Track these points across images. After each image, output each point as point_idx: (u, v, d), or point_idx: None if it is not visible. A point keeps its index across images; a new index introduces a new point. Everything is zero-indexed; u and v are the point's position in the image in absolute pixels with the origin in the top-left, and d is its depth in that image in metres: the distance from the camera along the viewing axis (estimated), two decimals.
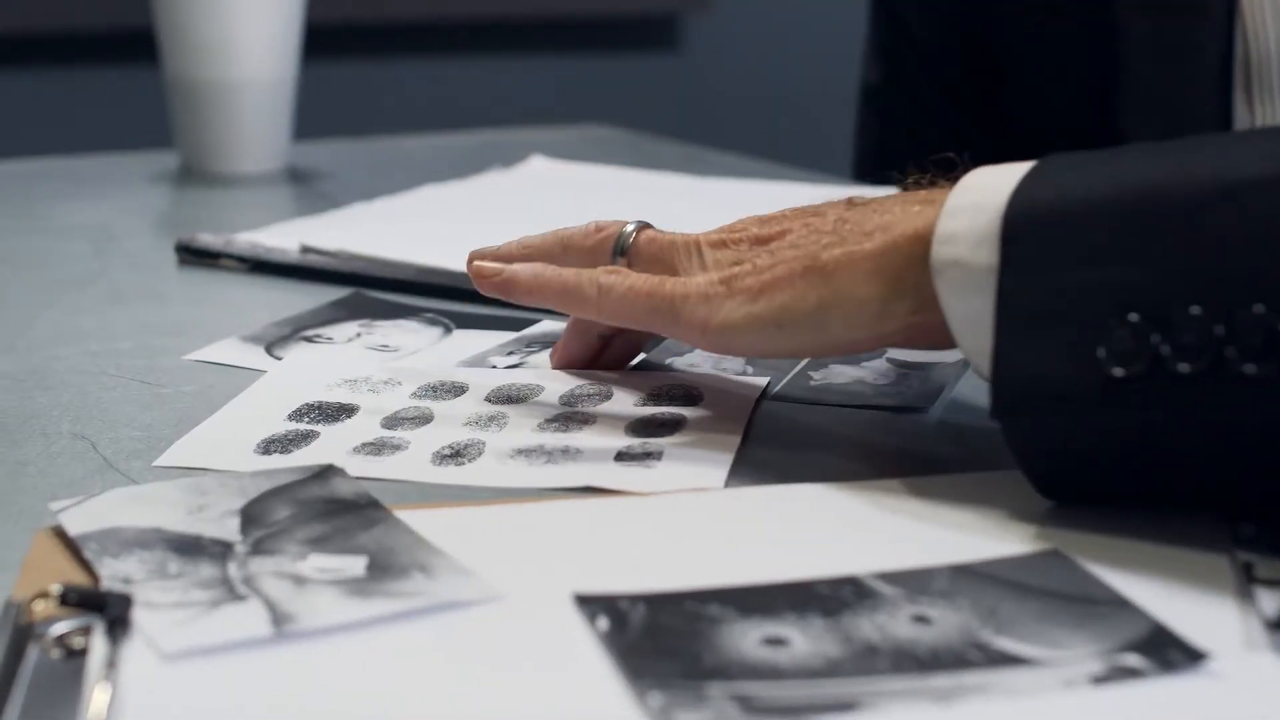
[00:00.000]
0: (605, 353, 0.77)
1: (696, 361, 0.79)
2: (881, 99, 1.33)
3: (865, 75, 1.34)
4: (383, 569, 0.55)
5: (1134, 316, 0.56)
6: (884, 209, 0.66)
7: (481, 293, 0.75)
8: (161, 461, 0.66)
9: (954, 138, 1.29)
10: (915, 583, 0.54)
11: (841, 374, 0.77)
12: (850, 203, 0.69)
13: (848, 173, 1.37)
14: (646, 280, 0.70)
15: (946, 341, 0.63)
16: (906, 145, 1.31)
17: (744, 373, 0.77)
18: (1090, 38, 1.20)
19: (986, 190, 0.61)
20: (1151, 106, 1.19)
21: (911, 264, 0.63)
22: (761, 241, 0.69)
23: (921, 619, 0.51)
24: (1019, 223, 0.59)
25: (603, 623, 0.51)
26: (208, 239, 1.00)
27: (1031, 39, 1.24)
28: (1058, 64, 1.23)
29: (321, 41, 2.19)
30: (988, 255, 0.59)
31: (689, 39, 2.70)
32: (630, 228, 0.75)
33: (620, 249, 0.74)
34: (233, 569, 0.54)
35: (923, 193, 0.66)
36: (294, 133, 1.33)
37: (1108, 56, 1.19)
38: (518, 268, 0.74)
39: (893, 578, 0.54)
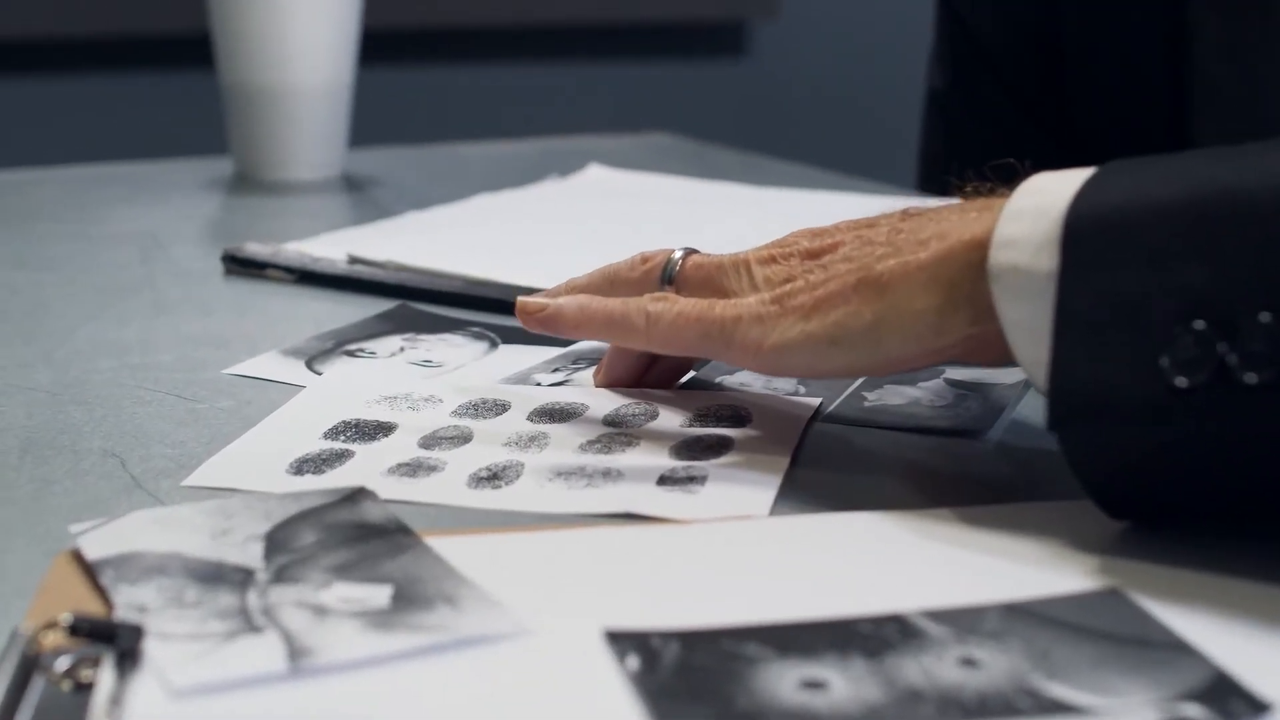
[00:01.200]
0: (651, 370, 0.75)
1: (747, 380, 0.76)
2: (947, 106, 1.30)
3: (930, 81, 1.31)
4: (408, 600, 0.52)
5: (1199, 324, 0.53)
6: (940, 218, 0.64)
7: (529, 329, 0.74)
8: (190, 481, 0.64)
9: (1021, 146, 1.25)
10: (965, 621, 0.51)
11: (897, 394, 0.74)
12: (905, 213, 0.67)
13: (913, 182, 1.34)
14: (695, 305, 0.68)
15: (1005, 356, 0.60)
16: (972, 153, 1.29)
17: (796, 392, 0.75)
18: (1161, 42, 1.17)
19: (1048, 194, 0.58)
20: (1225, 110, 1.16)
21: (968, 272, 0.60)
22: (813, 256, 0.67)
23: (970, 661, 0.49)
24: (1081, 226, 0.56)
25: (633, 661, 0.48)
26: (254, 248, 0.98)
27: (1100, 44, 1.20)
28: (1128, 69, 1.19)
29: (380, 47, 2.18)
30: (1048, 260, 0.56)
31: (757, 45, 2.67)
32: (677, 254, 0.73)
33: (668, 277, 0.72)
34: (252, 598, 0.52)
35: (980, 200, 0.63)
36: (350, 139, 1.31)
37: (1179, 60, 1.16)
38: (563, 301, 0.72)
39: (941, 616, 0.51)
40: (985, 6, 1.26)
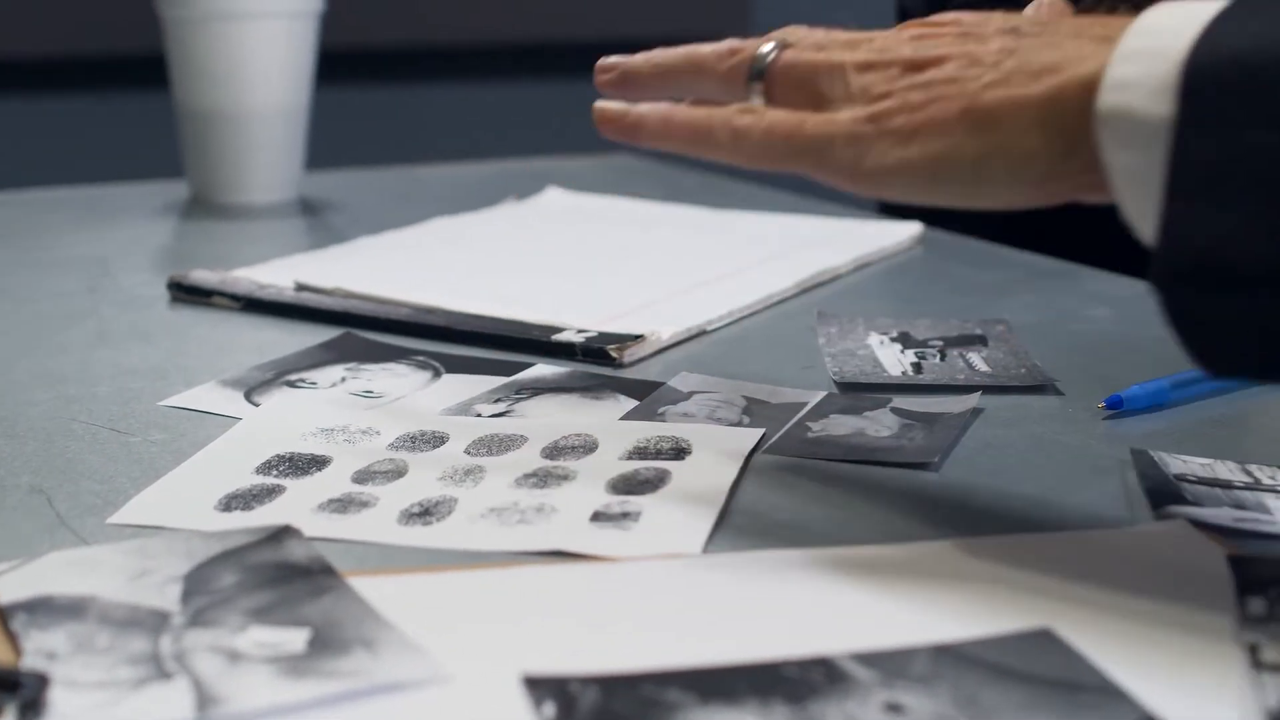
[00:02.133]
0: None
1: (691, 411, 0.75)
2: None
3: None
4: (325, 644, 0.51)
5: None
6: (1054, 43, 0.59)
7: (604, 136, 0.69)
8: (116, 519, 0.63)
9: None
10: (893, 665, 0.50)
11: (842, 425, 0.73)
12: (1017, 31, 0.61)
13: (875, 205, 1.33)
14: (785, 121, 0.63)
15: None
16: None
17: (739, 423, 0.73)
18: None
19: (1167, 34, 0.54)
20: None
21: (1083, 115, 0.56)
22: (914, 68, 0.62)
23: (895, 708, 0.47)
24: (1203, 74, 0.52)
25: (549, 709, 0.47)
26: (200, 276, 0.97)
27: None
28: None
29: (340, 67, 2.16)
30: (1164, 107, 0.53)
31: None
32: (768, 48, 0.67)
33: (757, 73, 0.67)
34: (166, 643, 0.51)
35: (1098, 26, 0.58)
36: (308, 161, 1.30)
37: None
38: (645, 109, 0.67)
39: (869, 659, 0.50)
40: None
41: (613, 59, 0.69)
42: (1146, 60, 0.54)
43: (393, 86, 2.47)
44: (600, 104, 0.69)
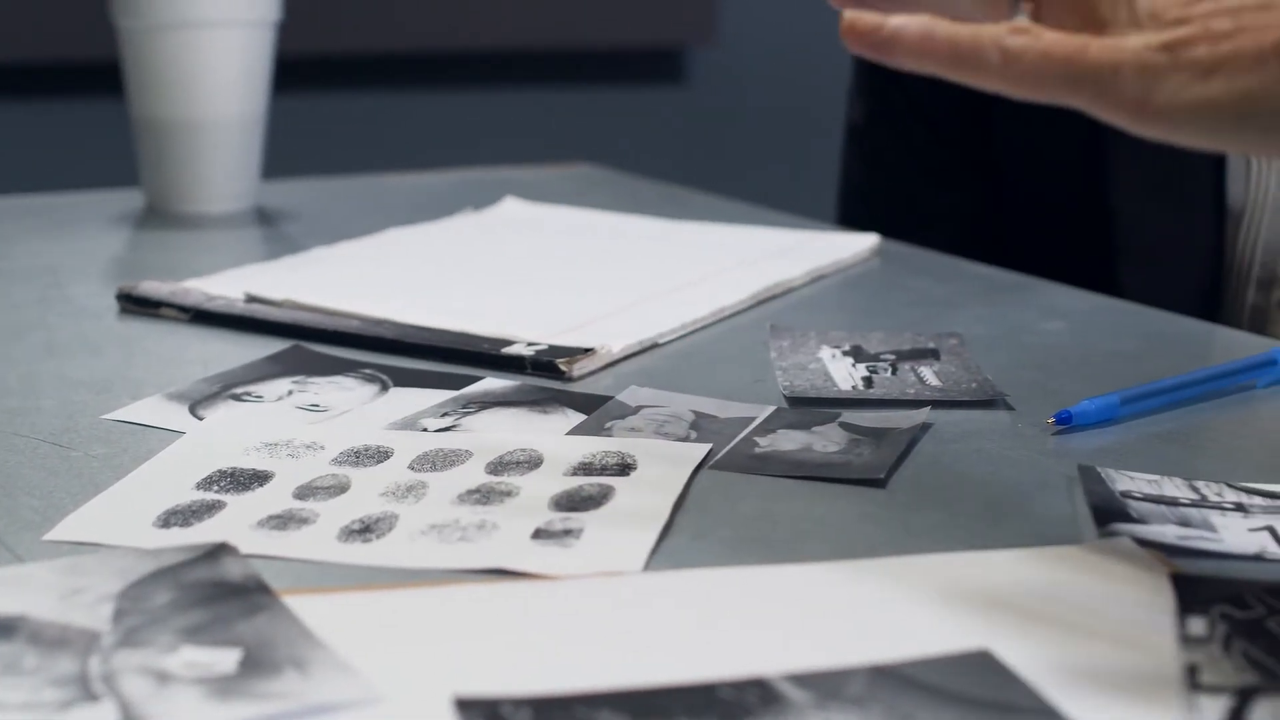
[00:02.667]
0: None
1: (638, 425, 0.74)
2: (866, 139, 1.29)
3: (849, 114, 1.30)
4: (256, 665, 0.51)
5: None
6: None
7: (852, 50, 0.60)
8: (52, 536, 0.62)
9: (941, 178, 1.25)
10: (828, 686, 0.49)
11: (790, 440, 0.73)
12: None
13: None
14: (1063, 44, 0.55)
15: None
16: (892, 186, 1.28)
17: (687, 437, 0.73)
18: None
19: None
20: (1141, 148, 1.14)
21: None
22: None
23: None
24: None
25: None
26: (149, 287, 0.96)
27: None
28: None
29: (299, 74, 2.16)
30: None
31: (694, 72, 2.66)
32: None
33: None
34: (94, 663, 0.50)
35: None
36: (266, 170, 1.29)
37: None
38: (903, 21, 0.58)
39: (805, 680, 0.50)
40: None
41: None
42: None
43: (353, 95, 2.46)
44: (851, 14, 0.60)
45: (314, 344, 0.88)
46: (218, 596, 0.55)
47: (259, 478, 0.68)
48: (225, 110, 1.22)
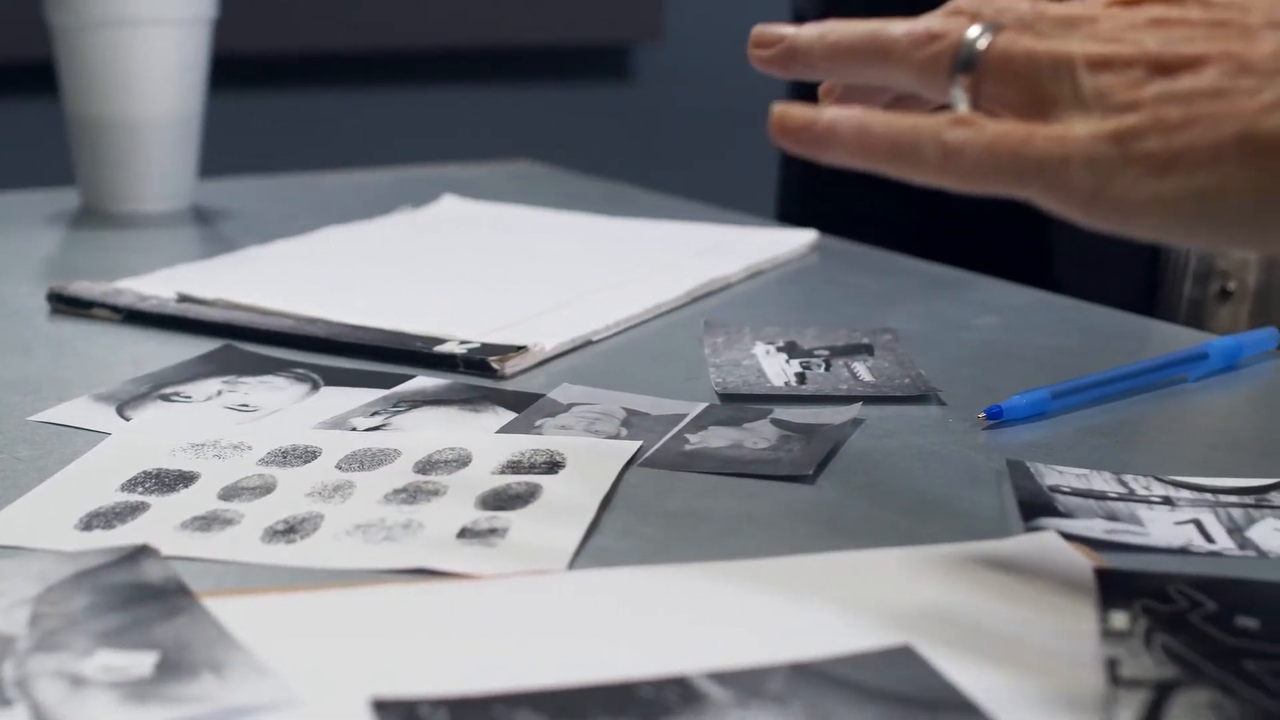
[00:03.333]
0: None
1: (569, 423, 0.74)
2: None
3: None
4: (173, 668, 0.50)
5: None
6: None
7: (786, 149, 0.58)
8: None
9: (879, 177, 1.25)
10: (749, 683, 0.49)
11: (720, 437, 0.73)
12: None
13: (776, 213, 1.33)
14: (1007, 136, 0.52)
15: None
16: (829, 185, 1.28)
17: (617, 435, 0.73)
18: None
19: None
20: None
21: None
22: (1163, 69, 0.51)
23: None
24: None
25: None
26: (81, 287, 0.95)
27: None
28: None
29: (240, 72, 2.15)
30: None
31: (640, 69, 2.66)
32: (976, 32, 0.55)
33: (963, 64, 0.55)
34: (8, 668, 0.50)
35: None
36: (203, 169, 1.28)
37: None
38: (835, 116, 0.55)
39: (726, 677, 0.50)
40: None
41: (774, 29, 0.58)
42: None
43: (293, 93, 2.45)
44: (781, 108, 0.57)
45: (246, 343, 0.87)
46: (137, 599, 0.55)
47: (184, 479, 0.67)
48: (161, 108, 1.22)
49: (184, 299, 0.93)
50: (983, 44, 0.55)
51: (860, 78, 0.59)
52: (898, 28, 0.57)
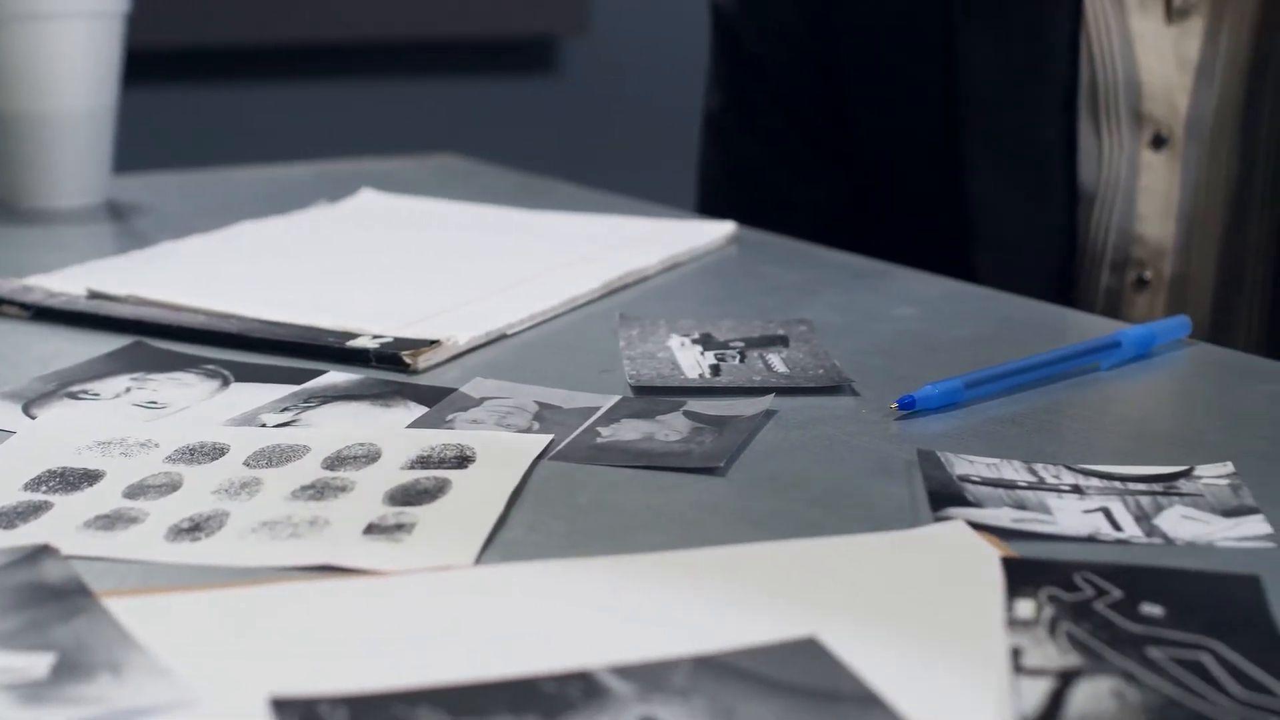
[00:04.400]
0: None
1: (480, 417, 0.74)
2: (724, 127, 1.29)
3: (707, 102, 1.30)
4: (69, 669, 0.49)
5: None
6: None
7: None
8: None
9: (798, 165, 1.26)
10: (652, 677, 0.49)
11: (633, 429, 0.72)
12: None
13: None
14: None
15: None
16: (750, 174, 1.28)
17: (529, 429, 0.72)
18: (934, 65, 1.16)
19: None
20: (997, 132, 1.16)
21: None
22: None
23: None
24: None
25: None
26: None
27: (875, 64, 1.20)
28: (902, 89, 1.19)
29: (160, 67, 2.12)
30: None
31: (566, 61, 2.65)
32: None
33: None
34: None
35: None
36: (118, 165, 1.27)
37: (952, 84, 1.16)
38: None
39: (629, 671, 0.49)
40: (760, 26, 1.25)
41: None
42: None
43: (207, 87, 2.43)
44: None
45: (157, 340, 0.86)
46: (35, 600, 0.54)
47: (89, 477, 0.67)
48: (74, 103, 1.20)
49: (94, 295, 0.92)
50: None
51: None
52: None
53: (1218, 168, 1.14)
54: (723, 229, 1.11)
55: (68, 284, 0.95)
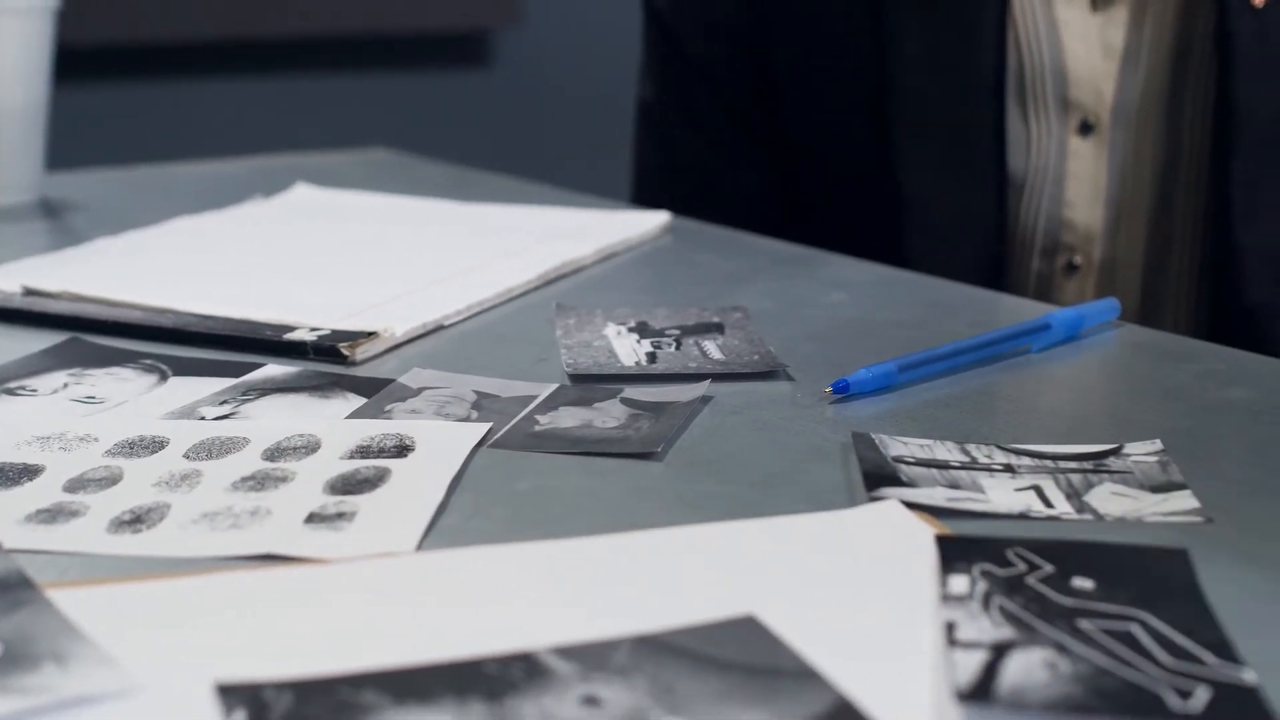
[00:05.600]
0: None
1: (419, 407, 0.74)
2: (657, 118, 1.30)
3: (640, 93, 1.31)
4: (14, 660, 0.50)
5: None
6: None
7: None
8: None
9: (732, 156, 1.26)
10: (594, 657, 0.50)
11: (571, 416, 0.73)
12: None
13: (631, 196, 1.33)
14: None
15: None
16: (684, 165, 1.29)
17: (468, 418, 0.73)
18: (864, 54, 1.17)
19: None
20: (926, 120, 1.17)
21: None
22: None
23: (592, 700, 0.47)
24: None
25: (239, 716, 0.46)
26: None
27: (806, 55, 1.21)
28: (833, 77, 1.20)
29: (85, 64, 2.12)
30: None
31: (500, 54, 2.65)
32: None
33: None
34: None
35: None
36: (50, 162, 1.26)
37: (882, 72, 1.17)
38: None
39: (570, 652, 0.50)
40: (692, 15, 1.26)
41: None
42: None
43: (141, 84, 2.42)
44: None
45: (93, 336, 0.86)
46: None
47: (29, 472, 0.67)
48: (5, 99, 1.20)
49: (30, 292, 0.92)
50: None
51: None
52: None
53: (1144, 153, 1.15)
54: (657, 219, 1.12)
55: (2, 281, 0.95)
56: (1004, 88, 1.15)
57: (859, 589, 0.55)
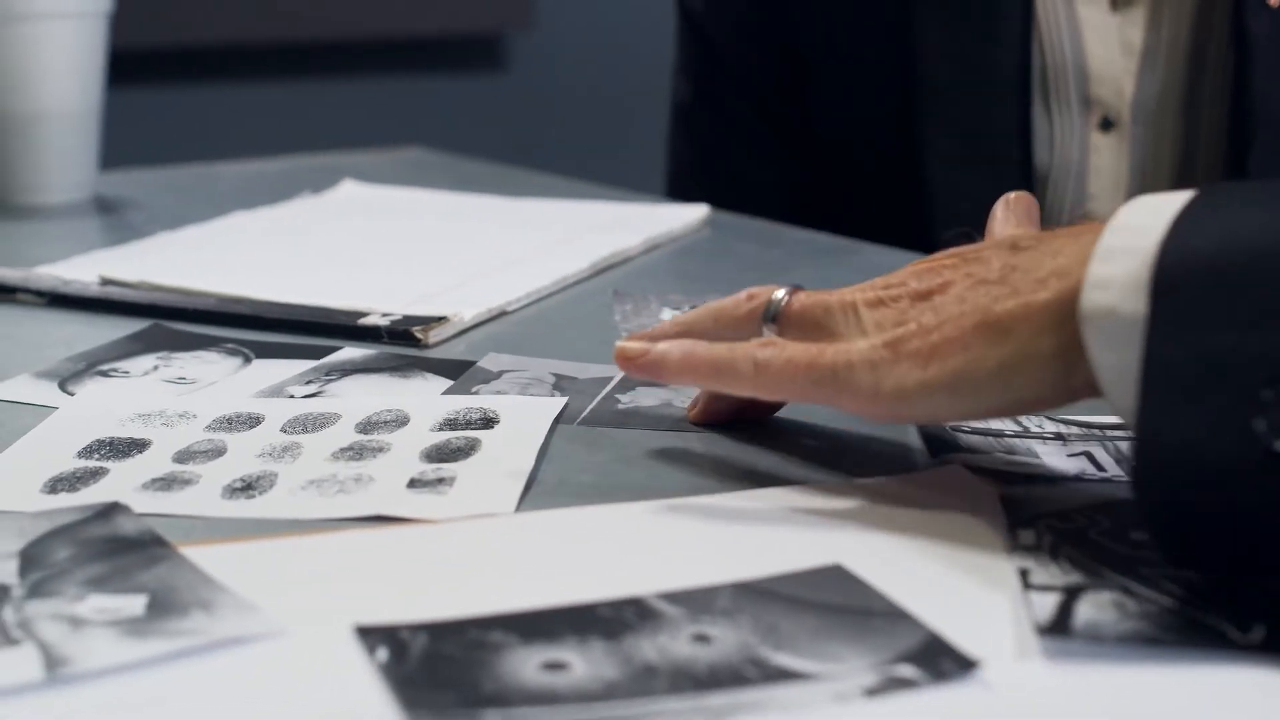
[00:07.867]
0: (750, 407, 0.72)
1: (503, 389, 0.78)
2: (692, 118, 1.34)
3: (675, 94, 1.35)
4: (163, 608, 0.54)
5: None
6: (1056, 250, 0.60)
7: (630, 375, 0.71)
8: None
9: (764, 155, 1.31)
10: (698, 602, 0.54)
11: (650, 396, 0.77)
12: (1015, 247, 0.62)
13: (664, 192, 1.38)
14: (804, 351, 0.65)
15: None
16: (718, 164, 1.33)
17: (551, 398, 0.77)
18: (891, 52, 1.22)
19: (1139, 232, 0.55)
20: (951, 118, 1.21)
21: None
22: (922, 297, 0.64)
23: (702, 638, 0.52)
24: (1171, 273, 0.53)
25: (382, 654, 0.50)
26: (3, 272, 0.98)
27: (834, 53, 1.25)
28: (860, 75, 1.24)
29: (135, 67, 2.15)
30: (1139, 304, 0.54)
31: (513, 57, 2.69)
32: (781, 294, 0.69)
33: (771, 315, 0.69)
34: (8, 613, 0.53)
35: (1096, 225, 0.58)
36: (102, 161, 1.30)
37: (909, 69, 1.21)
38: (665, 346, 0.69)
39: (676, 597, 0.54)
40: (724, 17, 1.30)
41: (635, 345, 0.70)
42: (1123, 258, 0.55)
43: (182, 87, 2.46)
44: (621, 343, 0.71)
45: (172, 322, 0.90)
46: (116, 550, 0.58)
47: (137, 445, 0.71)
48: (61, 101, 1.24)
49: (107, 282, 0.96)
50: (785, 299, 0.69)
51: (703, 337, 0.70)
52: (727, 299, 0.72)
53: (1163, 149, 1.20)
54: (696, 212, 1.16)
55: (76, 272, 0.99)
56: (1029, 84, 1.19)
57: (933, 541, 0.59)
